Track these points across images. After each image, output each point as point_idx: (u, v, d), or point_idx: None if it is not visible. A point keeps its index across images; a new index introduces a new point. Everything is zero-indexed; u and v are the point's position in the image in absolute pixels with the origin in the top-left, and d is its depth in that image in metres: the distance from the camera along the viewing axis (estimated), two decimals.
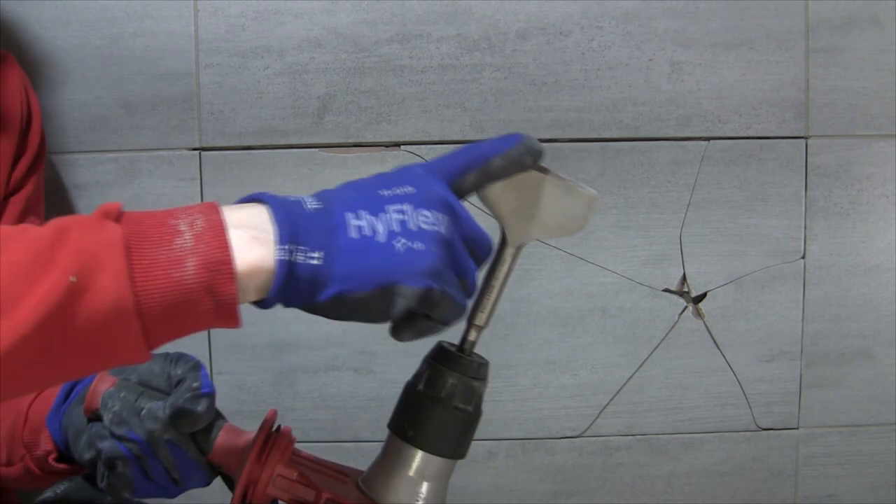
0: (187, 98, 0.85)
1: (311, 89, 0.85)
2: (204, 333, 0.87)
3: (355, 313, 0.41)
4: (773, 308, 0.90)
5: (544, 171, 0.47)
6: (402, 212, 0.41)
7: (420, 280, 0.40)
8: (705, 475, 0.93)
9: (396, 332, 0.44)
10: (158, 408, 0.52)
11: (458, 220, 0.43)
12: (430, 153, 0.86)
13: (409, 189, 0.42)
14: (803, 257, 0.89)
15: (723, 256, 0.89)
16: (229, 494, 0.55)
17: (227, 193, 0.86)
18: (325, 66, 0.85)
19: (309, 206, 0.42)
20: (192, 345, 0.92)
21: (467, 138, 0.86)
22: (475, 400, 0.50)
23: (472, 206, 0.49)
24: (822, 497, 0.94)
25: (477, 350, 0.54)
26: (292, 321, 0.88)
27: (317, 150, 0.86)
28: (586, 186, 0.47)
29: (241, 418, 0.91)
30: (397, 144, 0.86)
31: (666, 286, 0.89)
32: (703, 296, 0.89)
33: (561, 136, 0.87)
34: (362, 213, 0.41)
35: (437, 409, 0.48)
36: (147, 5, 0.84)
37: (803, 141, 0.88)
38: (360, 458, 0.91)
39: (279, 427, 0.54)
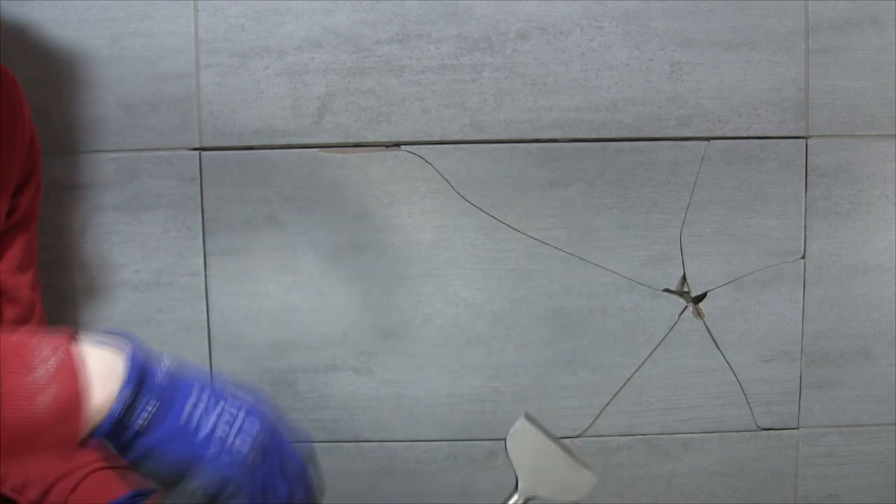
0: (187, 98, 0.85)
1: (311, 89, 0.85)
2: (204, 333, 0.88)
3: (154, 471, 0.45)
4: (773, 308, 0.90)
5: (569, 451, 0.60)
6: (233, 414, 0.46)
7: (221, 472, 0.45)
8: (705, 475, 0.93)
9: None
10: None
11: (279, 441, 0.48)
12: (431, 153, 0.86)
13: (247, 403, 0.48)
14: (803, 257, 0.89)
15: (723, 256, 0.89)
16: None
17: (227, 193, 0.86)
18: (325, 66, 0.85)
19: (162, 370, 0.46)
20: (191, 343, 0.93)
21: (467, 138, 0.86)
22: None
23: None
24: (822, 497, 0.94)
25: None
26: (292, 321, 0.88)
27: (317, 150, 0.86)
28: (589, 468, 0.60)
29: None
30: (397, 144, 0.86)
31: (666, 286, 0.89)
32: (703, 296, 0.90)
33: (561, 136, 0.87)
34: (202, 396, 0.46)
35: None
36: (147, 5, 0.84)
37: (803, 141, 0.88)
38: (360, 458, 0.91)
39: None
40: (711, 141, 0.87)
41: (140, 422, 0.43)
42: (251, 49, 0.85)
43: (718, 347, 0.90)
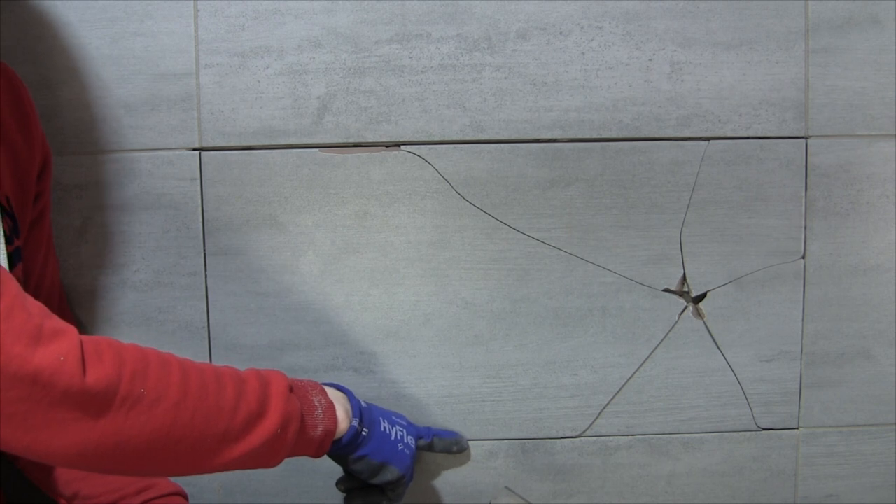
0: (187, 98, 0.85)
1: (311, 89, 0.85)
2: (204, 333, 0.88)
3: (363, 468, 0.75)
4: (773, 308, 0.90)
5: None
6: (401, 431, 0.80)
7: (402, 468, 0.77)
8: (705, 475, 0.93)
9: (351, 498, 0.81)
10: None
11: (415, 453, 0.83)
12: (430, 153, 0.86)
13: (405, 423, 0.83)
14: (803, 257, 0.89)
15: (723, 256, 0.89)
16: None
17: (227, 193, 0.86)
18: (325, 66, 0.85)
19: (364, 404, 0.77)
20: (192, 344, 0.93)
21: (467, 138, 0.86)
22: None
23: None
24: (822, 497, 0.94)
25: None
26: (292, 321, 0.88)
27: (317, 150, 0.86)
28: None
29: None
30: (397, 144, 0.86)
31: (666, 286, 0.89)
32: (703, 296, 0.90)
33: (561, 136, 0.87)
34: (385, 421, 0.79)
35: None
36: (147, 5, 0.84)
37: (803, 141, 0.88)
38: None
39: None
40: (711, 141, 0.87)
41: (360, 440, 0.74)
42: (251, 49, 0.85)
43: (718, 347, 0.90)
